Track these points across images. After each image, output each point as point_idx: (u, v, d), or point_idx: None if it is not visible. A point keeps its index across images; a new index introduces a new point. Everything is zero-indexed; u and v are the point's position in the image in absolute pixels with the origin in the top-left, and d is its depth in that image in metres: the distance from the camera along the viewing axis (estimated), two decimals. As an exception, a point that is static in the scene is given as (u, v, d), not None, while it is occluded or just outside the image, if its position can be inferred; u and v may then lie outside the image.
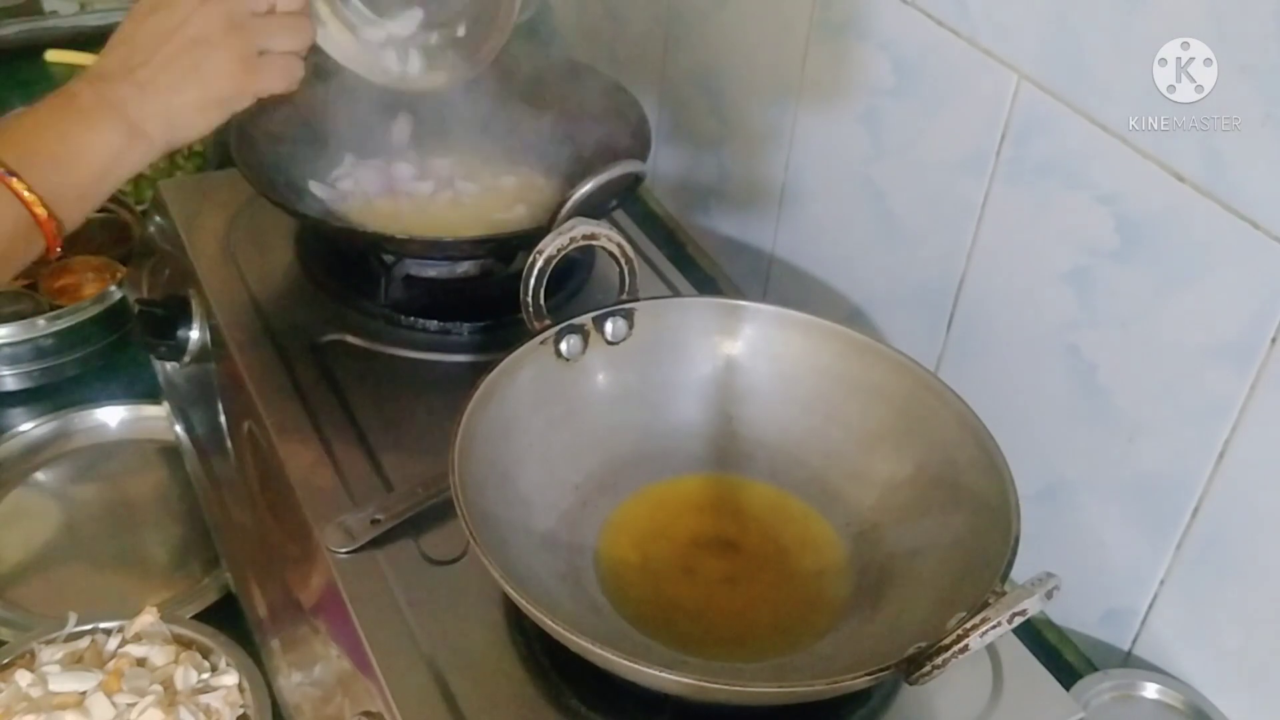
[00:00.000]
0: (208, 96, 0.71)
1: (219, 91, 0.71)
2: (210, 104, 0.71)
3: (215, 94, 0.71)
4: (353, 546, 0.70)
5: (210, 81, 0.71)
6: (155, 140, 0.70)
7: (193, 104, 0.71)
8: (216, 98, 0.72)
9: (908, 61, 0.87)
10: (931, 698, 0.66)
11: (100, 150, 0.68)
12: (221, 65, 0.71)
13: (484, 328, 0.87)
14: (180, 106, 0.70)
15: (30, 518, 1.01)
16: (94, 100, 0.68)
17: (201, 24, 0.71)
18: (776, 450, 0.76)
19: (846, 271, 1.00)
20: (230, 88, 0.72)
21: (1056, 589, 0.54)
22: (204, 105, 0.71)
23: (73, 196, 0.67)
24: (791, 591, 0.69)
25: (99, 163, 0.68)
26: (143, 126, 0.69)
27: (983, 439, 0.67)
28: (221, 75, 0.71)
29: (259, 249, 0.92)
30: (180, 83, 0.70)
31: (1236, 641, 0.75)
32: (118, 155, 0.68)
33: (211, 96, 0.71)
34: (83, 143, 0.67)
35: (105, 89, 0.69)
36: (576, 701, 0.63)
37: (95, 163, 0.68)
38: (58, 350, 1.09)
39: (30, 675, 0.79)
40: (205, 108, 0.71)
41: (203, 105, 0.71)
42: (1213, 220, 0.68)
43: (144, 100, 0.69)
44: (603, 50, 1.28)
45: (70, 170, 0.67)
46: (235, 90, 0.72)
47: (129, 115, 0.68)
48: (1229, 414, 0.70)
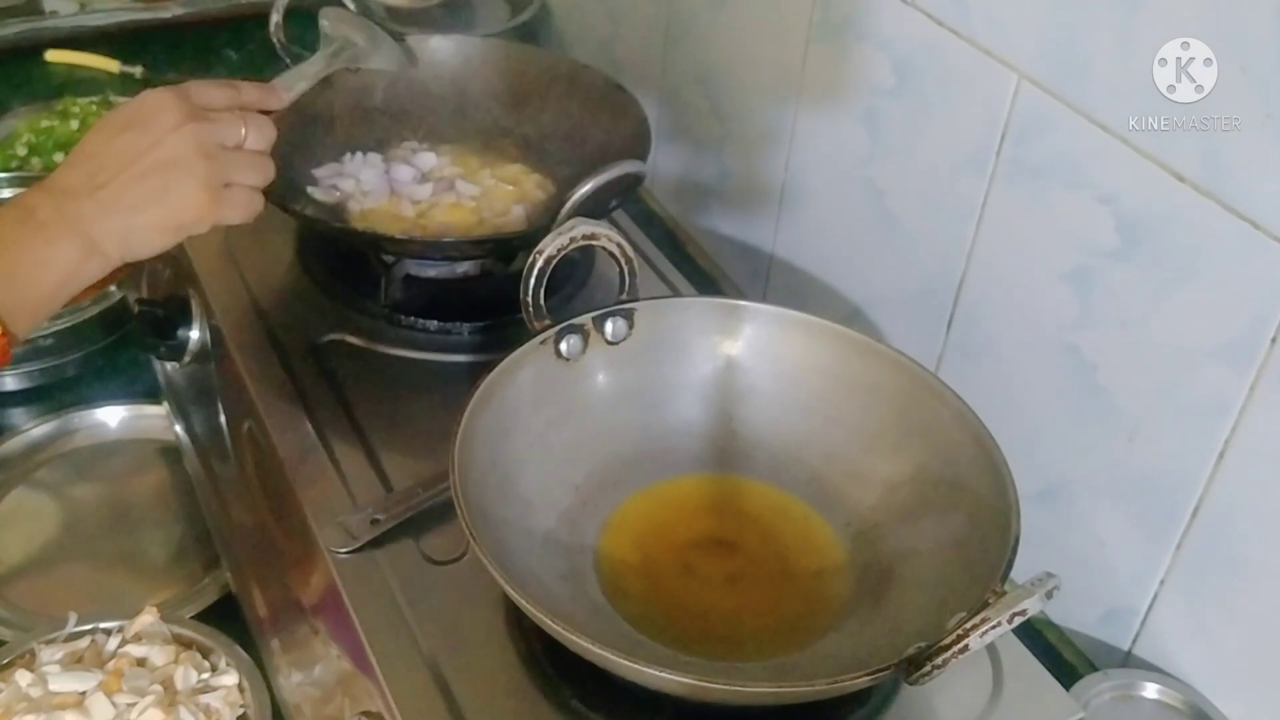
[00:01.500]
0: (169, 220, 0.71)
1: (181, 217, 0.71)
2: (170, 227, 0.71)
3: (177, 219, 0.71)
4: (353, 546, 0.70)
5: (175, 206, 0.71)
6: (111, 257, 0.70)
7: (154, 225, 0.71)
8: (177, 222, 0.72)
9: (908, 61, 0.87)
10: (931, 698, 0.66)
11: (57, 266, 0.68)
12: (188, 191, 0.71)
13: (484, 328, 0.87)
14: (141, 226, 0.70)
15: (30, 518, 1.01)
16: (53, 215, 0.68)
17: (174, 149, 0.71)
18: (776, 450, 0.76)
19: (846, 271, 1.00)
20: (193, 214, 0.72)
21: (1056, 589, 0.54)
22: (164, 228, 0.71)
23: (27, 311, 0.67)
24: (791, 591, 0.69)
25: (56, 278, 0.68)
26: (100, 243, 0.69)
27: (983, 439, 0.67)
28: (187, 201, 0.71)
29: (259, 249, 0.92)
30: (144, 203, 0.70)
31: (1236, 641, 0.75)
32: (74, 271, 0.68)
33: (173, 220, 0.71)
34: (40, 259, 0.67)
35: (65, 204, 0.69)
36: (576, 701, 0.63)
37: (52, 279, 0.68)
38: (58, 350, 1.09)
39: (30, 675, 0.79)
40: (165, 230, 0.71)
41: (163, 228, 0.71)
42: (1213, 220, 0.68)
43: (104, 217, 0.69)
44: (603, 50, 1.28)
45: (27, 287, 0.67)
46: (197, 217, 0.72)
47: (87, 231, 0.68)
48: (1229, 414, 0.70)
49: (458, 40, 1.03)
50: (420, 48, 1.02)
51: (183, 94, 0.73)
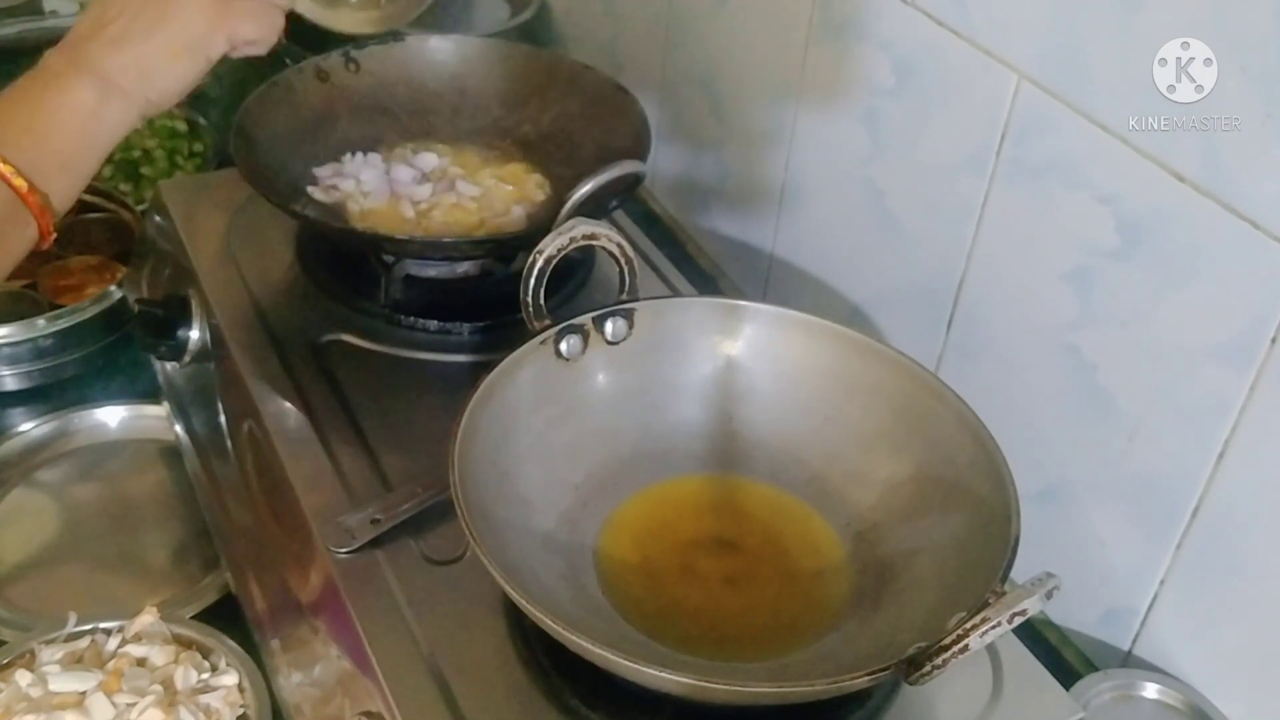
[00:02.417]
0: (177, 40, 0.69)
1: (189, 33, 0.69)
2: (181, 48, 0.69)
3: (185, 36, 0.69)
4: (353, 546, 0.70)
5: (180, 22, 0.69)
6: (132, 95, 0.67)
7: (164, 50, 0.68)
8: (187, 41, 0.69)
9: (908, 61, 0.87)
10: (931, 698, 0.66)
11: (74, 111, 0.65)
12: (192, 4, 0.69)
13: (484, 328, 0.87)
14: (151, 54, 0.68)
15: (30, 518, 1.01)
16: (64, 64, 0.66)
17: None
18: (776, 450, 0.76)
19: (846, 271, 1.00)
20: (201, 27, 0.69)
21: (1056, 589, 0.54)
22: (175, 50, 0.69)
23: (54, 166, 0.64)
24: (791, 591, 0.69)
25: (75, 124, 0.65)
26: (116, 81, 0.66)
27: (983, 439, 0.67)
28: (191, 14, 0.69)
29: (259, 249, 0.92)
30: (151, 28, 0.68)
31: (1236, 641, 0.75)
32: (93, 114, 0.65)
33: (181, 39, 0.69)
34: (55, 105, 0.65)
35: (75, 51, 0.67)
36: (576, 701, 0.63)
37: (71, 125, 0.65)
38: (58, 350, 1.09)
39: (30, 675, 0.79)
40: (177, 53, 0.69)
41: (174, 50, 0.69)
42: (1213, 220, 0.68)
43: (115, 53, 0.66)
44: (603, 50, 1.28)
45: (46, 136, 0.64)
46: (206, 30, 0.69)
47: (100, 71, 0.66)
48: (1229, 414, 0.70)
49: (458, 40, 1.03)
50: (420, 48, 1.02)
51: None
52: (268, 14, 0.72)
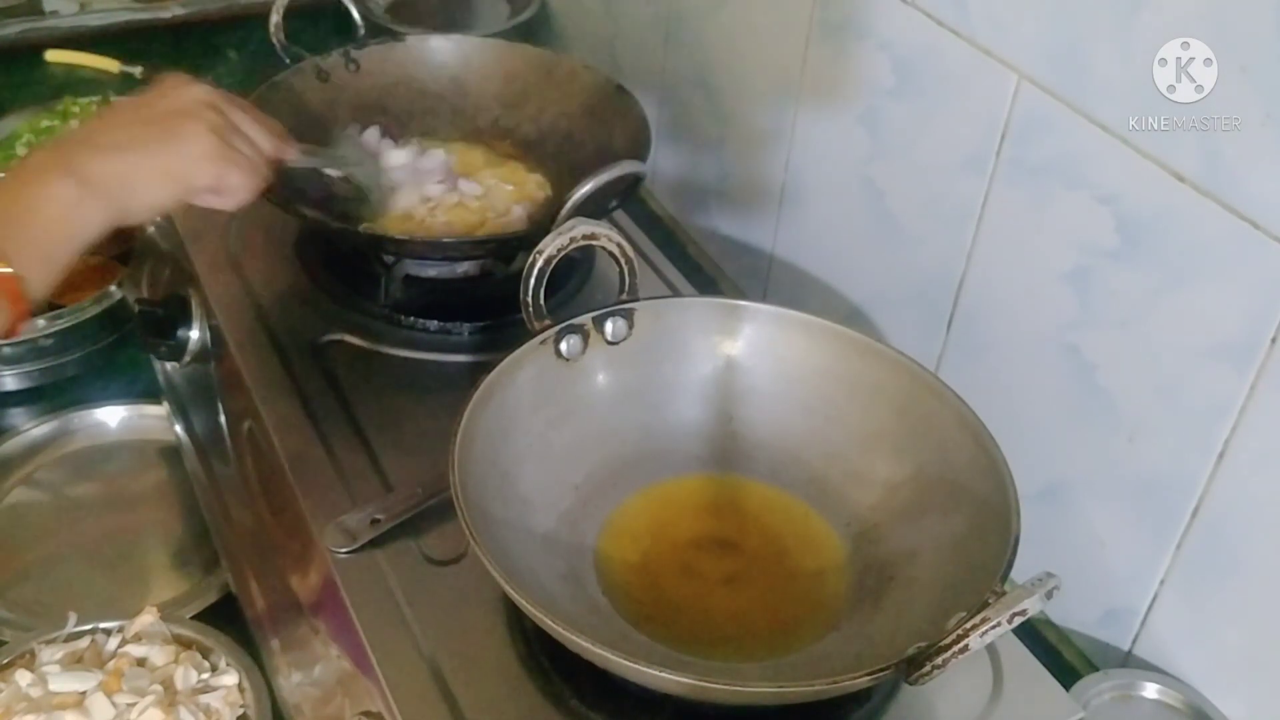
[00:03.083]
0: (173, 165, 0.70)
1: (184, 163, 0.70)
2: (172, 174, 0.70)
3: (180, 165, 0.70)
4: (353, 546, 0.70)
5: (180, 151, 0.70)
6: (109, 201, 0.68)
7: (156, 169, 0.70)
8: (180, 170, 0.70)
9: (908, 61, 0.87)
10: (931, 698, 0.66)
11: (51, 204, 0.66)
12: (195, 137, 0.70)
13: (484, 328, 0.87)
14: (143, 169, 0.69)
15: (30, 518, 1.01)
16: (46, 161, 0.68)
17: (186, 99, 0.72)
18: (776, 450, 0.76)
19: (846, 271, 1.00)
20: (197, 159, 0.71)
21: (1056, 589, 0.54)
22: (165, 173, 0.70)
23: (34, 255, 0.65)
24: (791, 591, 0.69)
25: (52, 217, 0.66)
26: (96, 184, 0.67)
27: (983, 439, 0.67)
28: (193, 146, 0.70)
29: (259, 249, 0.92)
30: (148, 145, 0.69)
31: (1236, 641, 0.75)
32: (70, 210, 0.67)
33: (177, 165, 0.70)
34: (32, 196, 0.66)
35: (60, 152, 0.69)
36: (576, 701, 0.63)
37: (48, 217, 0.66)
38: (58, 350, 1.09)
39: (30, 675, 0.79)
40: (166, 177, 0.70)
41: (164, 172, 0.70)
42: (1213, 220, 0.68)
43: (102, 160, 0.68)
44: (603, 50, 1.29)
45: (24, 225, 0.66)
46: (201, 163, 0.71)
47: (83, 174, 0.67)
48: (1229, 414, 0.70)
49: (458, 40, 1.03)
50: (420, 48, 1.02)
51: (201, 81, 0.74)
52: (256, 172, 0.74)
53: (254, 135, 0.75)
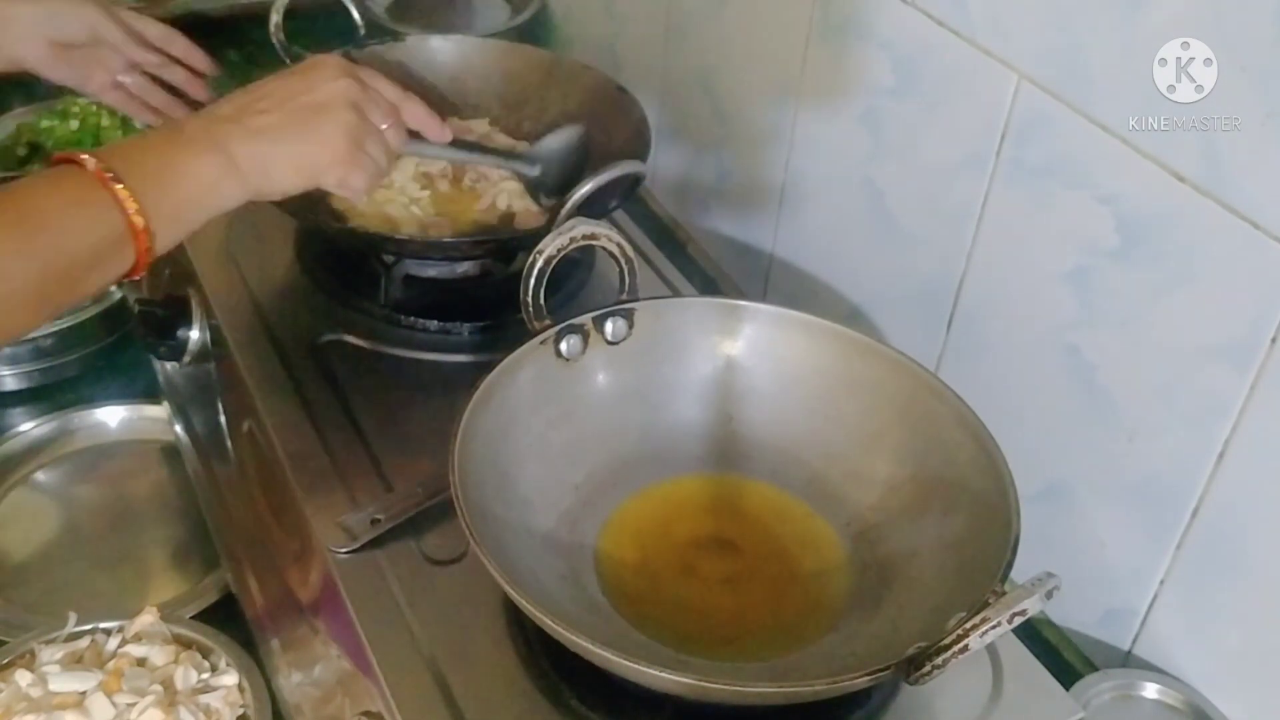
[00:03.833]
0: (306, 156, 0.73)
1: (318, 156, 0.74)
2: (305, 165, 0.74)
3: (314, 157, 0.74)
4: (353, 546, 0.70)
5: (316, 145, 0.74)
6: (248, 181, 0.71)
7: (292, 158, 0.73)
8: (313, 161, 0.74)
9: (908, 61, 0.87)
10: (931, 698, 0.66)
11: (197, 175, 0.69)
12: (331, 134, 0.74)
13: (484, 328, 0.87)
14: (279, 155, 0.72)
15: (30, 518, 1.01)
16: (199, 132, 0.71)
17: (327, 94, 0.74)
18: (776, 450, 0.76)
19: (846, 271, 0.99)
20: (329, 157, 0.74)
21: (1056, 589, 0.54)
22: (300, 163, 0.73)
23: (167, 214, 0.68)
24: (791, 591, 0.69)
25: (194, 187, 0.70)
26: (240, 165, 0.71)
27: (983, 439, 0.67)
28: (327, 142, 0.74)
29: (259, 249, 0.92)
30: (288, 135, 0.73)
31: (1236, 641, 0.75)
32: (212, 185, 0.70)
33: (309, 158, 0.74)
34: (181, 164, 0.69)
35: (212, 125, 0.71)
36: (576, 701, 0.63)
37: (191, 186, 0.69)
38: (58, 350, 1.09)
39: (30, 675, 0.79)
40: (300, 167, 0.74)
41: (299, 163, 0.73)
42: (1213, 220, 0.68)
43: (248, 140, 0.71)
44: (603, 50, 1.28)
45: (168, 188, 0.68)
46: (332, 162, 0.74)
47: (229, 151, 0.70)
48: (1229, 414, 0.70)
49: (458, 40, 1.03)
50: (420, 48, 1.02)
51: (352, 64, 0.78)
52: (378, 174, 0.78)
53: (390, 136, 0.78)
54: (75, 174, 0.65)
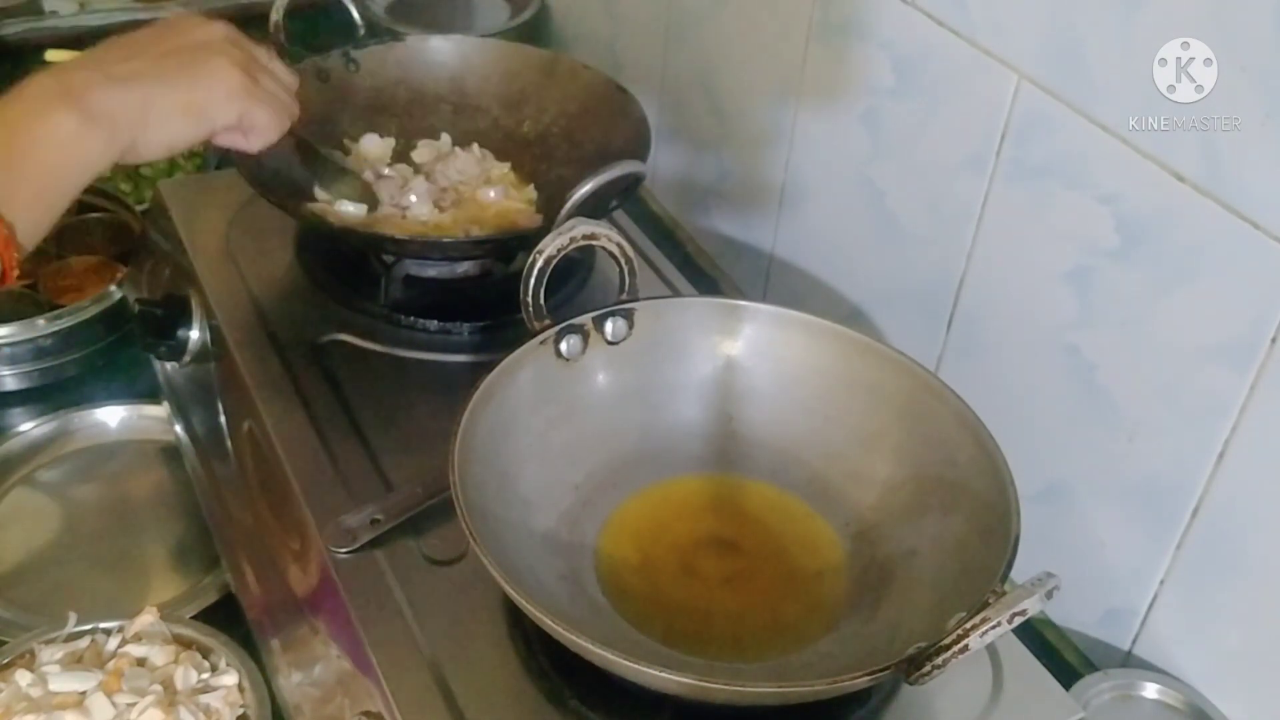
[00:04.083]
0: (194, 99, 0.66)
1: (208, 97, 0.67)
2: (193, 109, 0.66)
3: (203, 99, 0.67)
4: (353, 546, 0.70)
5: (202, 83, 0.66)
6: (118, 133, 0.63)
7: (175, 103, 0.66)
8: (203, 104, 0.67)
9: (908, 61, 0.87)
10: (931, 698, 0.66)
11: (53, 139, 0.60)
12: (221, 70, 0.67)
13: (484, 328, 0.87)
14: (158, 99, 0.64)
15: (30, 518, 1.01)
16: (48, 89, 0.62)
17: (203, 34, 0.68)
18: (776, 450, 0.76)
19: (846, 271, 1.00)
20: (221, 95, 0.67)
21: (1056, 589, 0.54)
22: (186, 108, 0.66)
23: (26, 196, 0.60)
24: (791, 591, 0.69)
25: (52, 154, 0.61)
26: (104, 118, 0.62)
27: (983, 439, 0.67)
28: (217, 80, 0.67)
29: (259, 249, 0.92)
30: (166, 77, 0.65)
31: (1236, 641, 0.75)
32: (70, 147, 0.61)
33: (198, 101, 0.66)
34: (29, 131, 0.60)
35: (64, 80, 0.63)
36: (576, 701, 0.63)
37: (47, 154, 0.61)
38: (58, 350, 1.09)
39: (30, 675, 0.79)
40: (186, 112, 0.66)
41: (185, 107, 0.66)
42: (1213, 220, 0.68)
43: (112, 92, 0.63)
44: (603, 50, 1.29)
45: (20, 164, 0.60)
46: (225, 99, 0.67)
47: (88, 104, 0.62)
48: (1229, 414, 0.70)
49: (458, 40, 1.03)
50: (420, 48, 1.02)
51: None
52: (284, 110, 0.71)
53: (279, 73, 0.72)
54: None
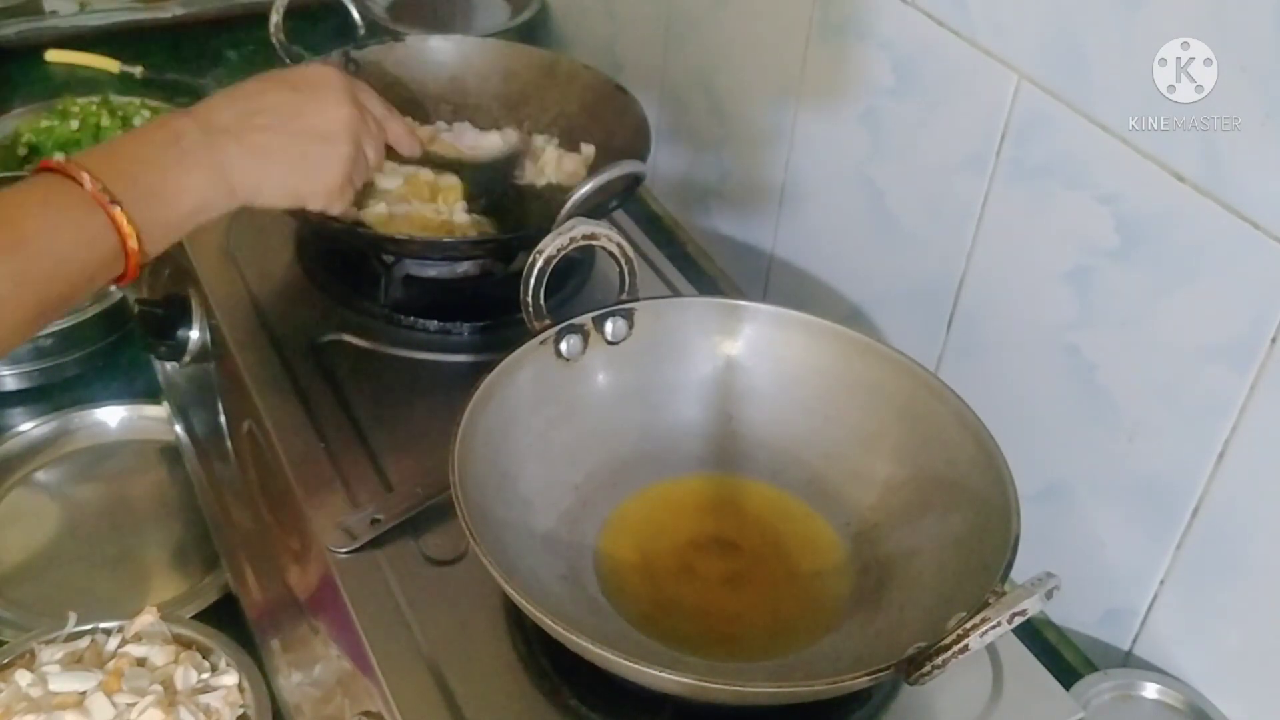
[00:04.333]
0: (301, 185, 0.74)
1: (313, 186, 0.74)
2: (295, 191, 0.74)
3: (309, 186, 0.74)
4: (353, 546, 0.70)
5: (312, 175, 0.74)
6: (236, 195, 0.71)
7: (286, 183, 0.73)
8: (307, 190, 0.74)
9: (908, 61, 0.87)
10: (931, 698, 0.66)
11: (194, 195, 0.69)
12: (331, 169, 0.74)
13: (484, 328, 0.87)
14: (274, 176, 0.72)
15: (30, 518, 1.01)
16: (199, 145, 0.70)
17: (334, 124, 0.74)
18: (776, 450, 0.76)
19: (846, 271, 1.00)
20: (323, 189, 0.75)
21: (1056, 589, 0.54)
22: (292, 189, 0.74)
23: (159, 232, 0.68)
24: (791, 591, 0.69)
25: (190, 205, 0.69)
26: (233, 182, 0.71)
27: (983, 439, 0.67)
28: (325, 177, 0.74)
29: (259, 249, 0.92)
30: (287, 160, 0.73)
31: (1236, 641, 0.75)
32: (207, 203, 0.70)
33: (304, 187, 0.74)
34: (181, 185, 0.69)
35: (213, 139, 0.70)
36: (576, 701, 0.63)
37: (187, 205, 0.69)
38: (58, 350, 1.09)
39: (30, 675, 0.79)
40: (290, 191, 0.74)
41: (291, 188, 0.74)
42: (1213, 220, 0.68)
43: (244, 157, 0.71)
44: (603, 50, 1.29)
45: (165, 208, 0.68)
46: (323, 192, 0.75)
47: (226, 168, 0.70)
48: (1229, 414, 0.70)
49: (457, 40, 1.03)
50: (420, 48, 1.02)
51: (351, 81, 0.77)
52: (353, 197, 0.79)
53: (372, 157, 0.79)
54: (67, 191, 0.64)
